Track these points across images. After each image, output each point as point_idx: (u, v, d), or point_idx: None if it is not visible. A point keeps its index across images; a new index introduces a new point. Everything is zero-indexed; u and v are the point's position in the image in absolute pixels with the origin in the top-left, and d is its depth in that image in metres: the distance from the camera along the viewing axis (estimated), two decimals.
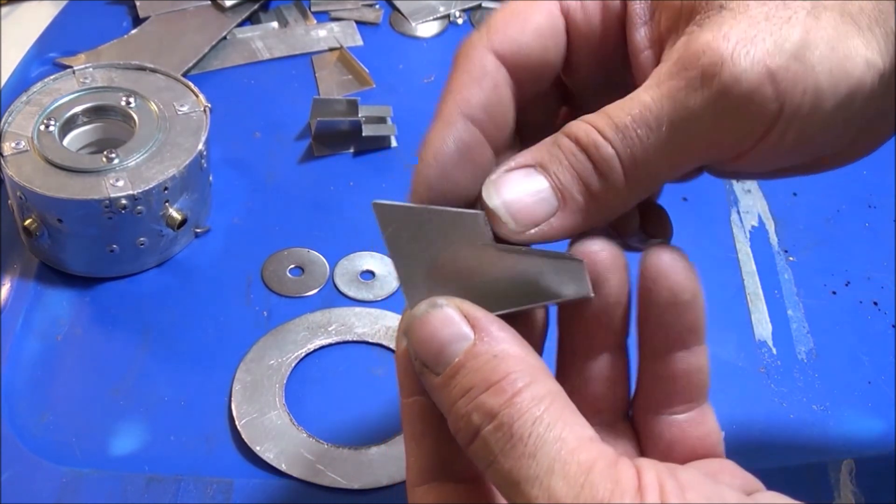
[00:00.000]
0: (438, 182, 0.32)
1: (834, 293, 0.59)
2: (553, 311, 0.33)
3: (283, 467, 0.48)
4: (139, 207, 0.55)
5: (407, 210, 0.32)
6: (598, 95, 0.34)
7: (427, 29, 0.78)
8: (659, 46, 0.32)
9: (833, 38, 0.29)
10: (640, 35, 0.33)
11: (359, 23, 0.78)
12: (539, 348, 0.33)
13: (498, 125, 0.33)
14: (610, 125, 0.30)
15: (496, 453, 0.27)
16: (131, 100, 0.59)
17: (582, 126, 0.30)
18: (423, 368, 0.30)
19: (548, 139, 0.31)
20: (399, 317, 0.56)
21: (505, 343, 0.29)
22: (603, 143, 0.30)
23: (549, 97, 0.36)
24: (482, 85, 0.32)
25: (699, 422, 0.32)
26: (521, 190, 0.31)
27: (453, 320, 0.29)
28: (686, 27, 0.31)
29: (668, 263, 0.31)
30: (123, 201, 0.54)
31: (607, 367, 0.33)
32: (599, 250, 0.31)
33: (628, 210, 0.32)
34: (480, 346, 0.29)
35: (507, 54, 0.33)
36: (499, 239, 0.31)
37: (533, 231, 0.31)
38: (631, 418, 0.34)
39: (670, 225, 0.36)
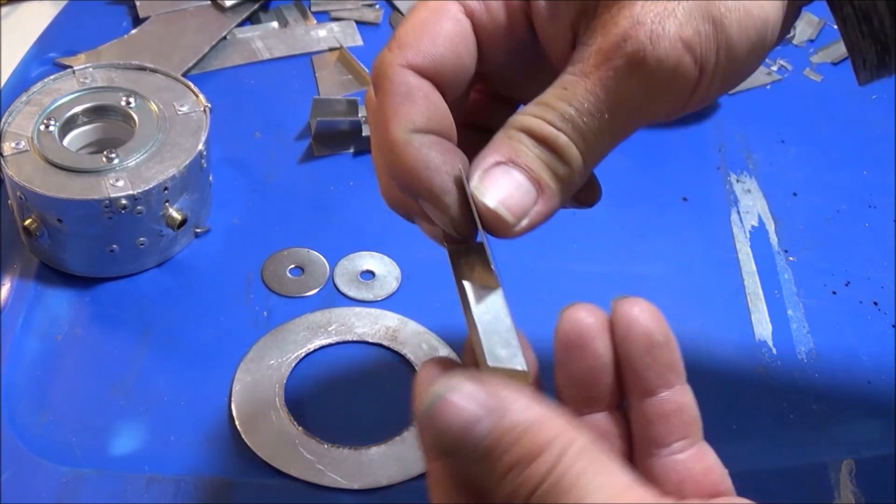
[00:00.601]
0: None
1: (834, 293, 0.59)
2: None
3: (283, 467, 0.48)
4: (139, 207, 0.55)
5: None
6: (512, 76, 0.37)
7: None
8: (571, 31, 0.34)
9: None
10: (551, 27, 0.34)
11: (359, 23, 0.78)
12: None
13: (446, 129, 0.34)
14: (558, 116, 0.32)
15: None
16: (131, 100, 0.59)
17: (534, 121, 0.32)
18: (451, 453, 0.29)
19: (501, 135, 0.33)
20: (397, 316, 0.56)
21: (531, 410, 0.28)
22: (558, 134, 0.32)
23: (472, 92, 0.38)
24: (416, 101, 0.33)
25: (700, 458, 0.33)
26: (506, 186, 0.32)
27: (472, 398, 0.29)
28: (596, 15, 0.33)
29: (637, 311, 0.32)
30: (123, 201, 0.54)
31: (608, 424, 0.33)
32: (586, 316, 0.32)
33: (583, 184, 0.34)
34: (509, 418, 0.28)
35: (424, 67, 0.34)
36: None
37: (524, 222, 0.32)
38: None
39: (599, 188, 0.38)
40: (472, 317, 0.32)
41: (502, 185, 0.32)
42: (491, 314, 0.32)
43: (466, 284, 0.32)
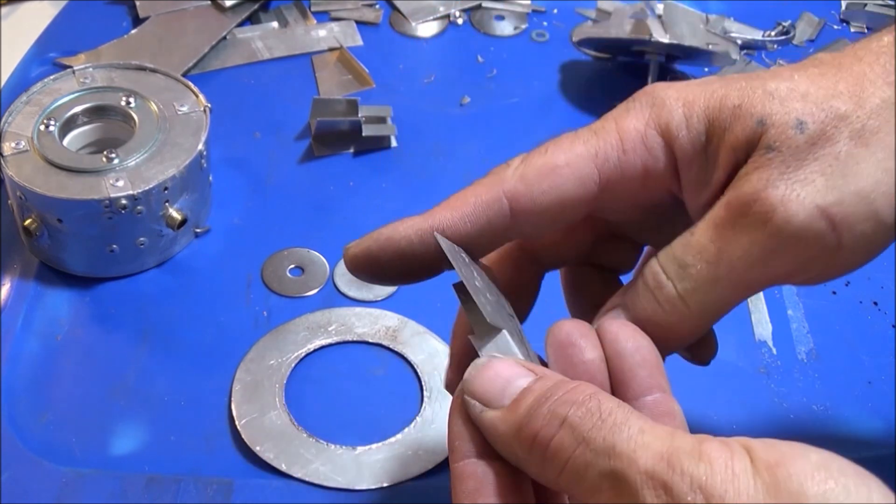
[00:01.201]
0: None
1: (834, 293, 0.59)
2: None
3: (283, 467, 0.48)
4: (139, 207, 0.55)
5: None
6: (642, 230, 0.38)
7: (427, 29, 0.78)
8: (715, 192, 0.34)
9: (883, 158, 0.31)
10: (699, 194, 0.35)
11: (359, 23, 0.78)
12: None
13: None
14: (672, 260, 0.33)
15: (587, 430, 0.28)
16: (131, 100, 0.59)
17: (651, 265, 0.34)
18: (483, 409, 0.31)
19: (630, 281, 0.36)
20: (397, 316, 0.56)
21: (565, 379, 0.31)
22: (665, 283, 0.34)
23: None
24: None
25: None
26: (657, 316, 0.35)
27: (514, 364, 0.31)
28: (739, 173, 0.33)
29: (618, 325, 0.34)
30: (123, 201, 0.54)
31: None
32: (575, 324, 0.34)
33: (694, 339, 0.35)
34: (545, 377, 0.31)
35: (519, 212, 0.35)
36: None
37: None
38: None
39: (714, 347, 0.39)
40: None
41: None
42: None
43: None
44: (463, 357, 0.37)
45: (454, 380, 0.38)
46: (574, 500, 0.29)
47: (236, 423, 0.50)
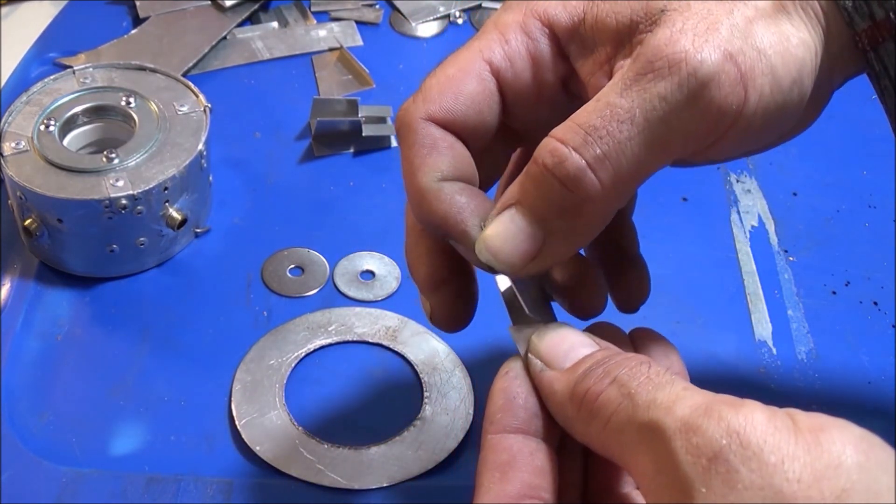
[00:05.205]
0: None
1: (834, 293, 0.59)
2: None
3: (283, 467, 0.48)
4: (139, 207, 0.55)
5: None
6: (545, 129, 0.36)
7: (427, 29, 0.78)
8: (608, 69, 0.34)
9: (773, 23, 0.32)
10: (588, 64, 0.35)
11: (359, 23, 0.78)
12: None
13: (470, 177, 0.35)
14: (574, 130, 0.31)
15: (634, 386, 0.29)
16: (131, 100, 0.59)
17: (548, 143, 0.32)
18: (544, 368, 0.32)
19: (521, 174, 0.33)
20: (397, 316, 0.56)
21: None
22: (568, 155, 0.31)
23: (500, 140, 0.38)
24: (442, 151, 0.34)
25: None
26: (507, 235, 0.33)
27: (581, 334, 0.33)
28: (633, 40, 0.33)
29: (649, 333, 0.36)
30: (123, 201, 0.54)
31: None
32: (607, 331, 0.35)
33: (614, 212, 0.33)
34: (609, 349, 0.32)
35: (446, 121, 0.35)
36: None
37: (531, 266, 0.33)
38: None
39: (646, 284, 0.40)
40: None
41: (501, 233, 0.33)
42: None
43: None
44: (429, 279, 0.37)
45: (436, 308, 0.37)
46: (617, 460, 0.29)
47: (236, 423, 0.50)
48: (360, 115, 0.66)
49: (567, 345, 0.32)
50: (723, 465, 0.25)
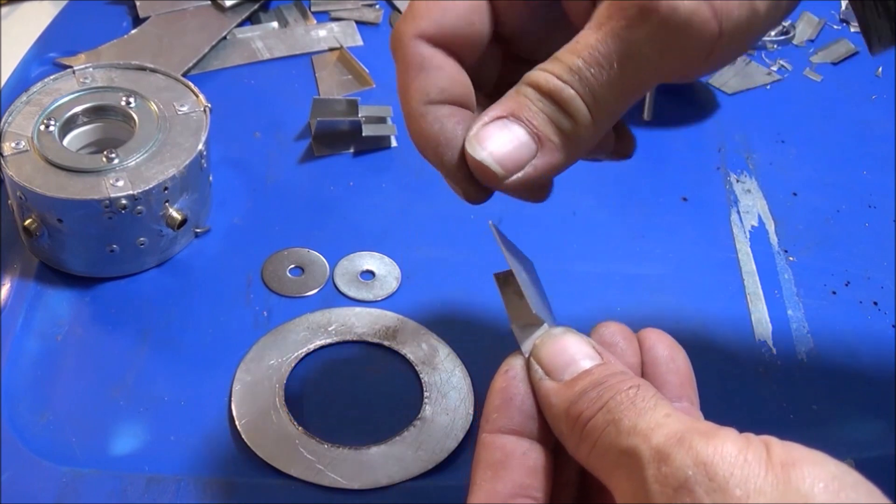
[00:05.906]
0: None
1: (834, 293, 0.59)
2: None
3: (283, 467, 0.48)
4: (139, 207, 0.55)
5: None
6: (538, 44, 0.37)
7: None
8: None
9: None
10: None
11: (359, 23, 0.78)
12: None
13: (461, 97, 0.35)
14: (564, 69, 0.32)
15: (619, 412, 0.29)
16: (131, 100, 0.59)
17: (541, 74, 0.33)
18: (544, 377, 0.33)
19: (511, 91, 0.34)
20: (397, 316, 0.56)
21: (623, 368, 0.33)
22: (563, 87, 0.32)
23: (490, 57, 0.38)
24: (430, 72, 0.34)
25: None
26: (502, 139, 0.33)
27: (585, 344, 0.33)
28: None
29: (657, 334, 0.36)
30: (123, 201, 0.54)
31: None
32: (616, 331, 0.36)
33: (598, 140, 0.34)
34: (608, 364, 0.32)
35: (436, 36, 0.35)
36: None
37: (519, 174, 0.33)
38: None
39: (633, 141, 0.40)
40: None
41: (497, 138, 0.33)
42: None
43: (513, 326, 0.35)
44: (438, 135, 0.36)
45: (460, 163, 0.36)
46: (604, 481, 0.30)
47: (236, 423, 0.50)
48: (360, 115, 0.66)
49: (568, 356, 0.32)
50: (688, 495, 0.25)
